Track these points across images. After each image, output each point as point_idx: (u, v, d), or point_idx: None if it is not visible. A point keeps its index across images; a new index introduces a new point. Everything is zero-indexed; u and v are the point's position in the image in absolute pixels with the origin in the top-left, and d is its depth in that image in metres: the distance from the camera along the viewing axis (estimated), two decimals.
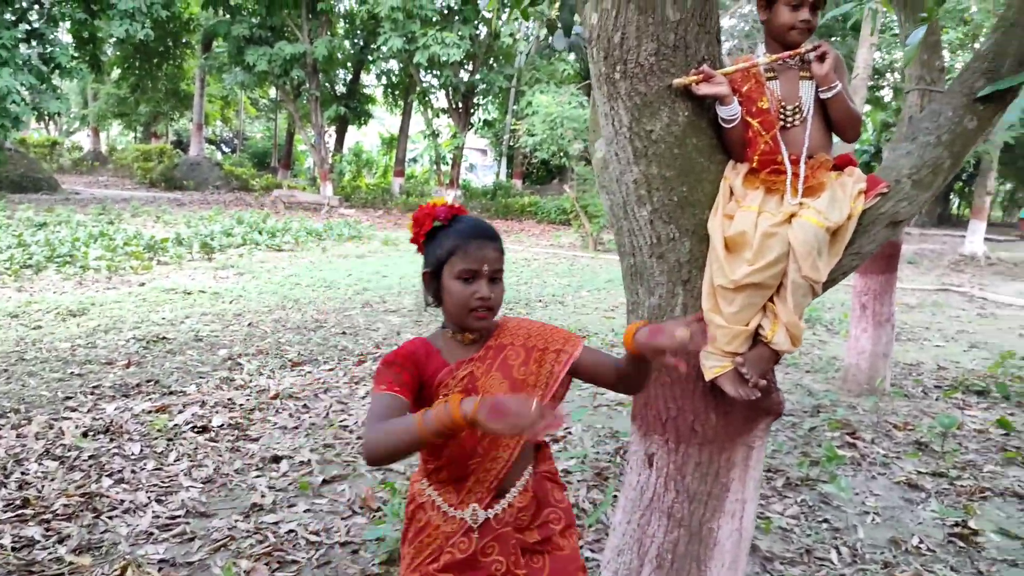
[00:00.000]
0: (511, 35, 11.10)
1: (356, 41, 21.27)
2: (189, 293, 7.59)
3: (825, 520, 3.40)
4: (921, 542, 3.23)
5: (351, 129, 26.67)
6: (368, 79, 25.19)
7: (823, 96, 1.94)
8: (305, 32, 17.84)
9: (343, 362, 5.50)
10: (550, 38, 3.85)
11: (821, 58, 1.91)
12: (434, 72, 16.73)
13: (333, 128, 24.66)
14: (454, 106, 18.02)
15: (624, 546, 2.16)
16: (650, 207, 1.94)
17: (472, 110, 18.88)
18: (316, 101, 18.89)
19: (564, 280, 10.18)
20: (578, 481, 3.62)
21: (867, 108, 18.92)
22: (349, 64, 22.10)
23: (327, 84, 21.87)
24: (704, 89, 1.86)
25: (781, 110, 1.95)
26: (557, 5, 3.02)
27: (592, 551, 2.94)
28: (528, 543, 1.68)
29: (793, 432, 4.50)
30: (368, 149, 31.97)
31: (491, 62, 17.51)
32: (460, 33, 14.45)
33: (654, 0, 1.82)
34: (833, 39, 17.96)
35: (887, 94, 25.58)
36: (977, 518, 3.46)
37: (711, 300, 1.90)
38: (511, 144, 22.72)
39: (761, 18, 2.01)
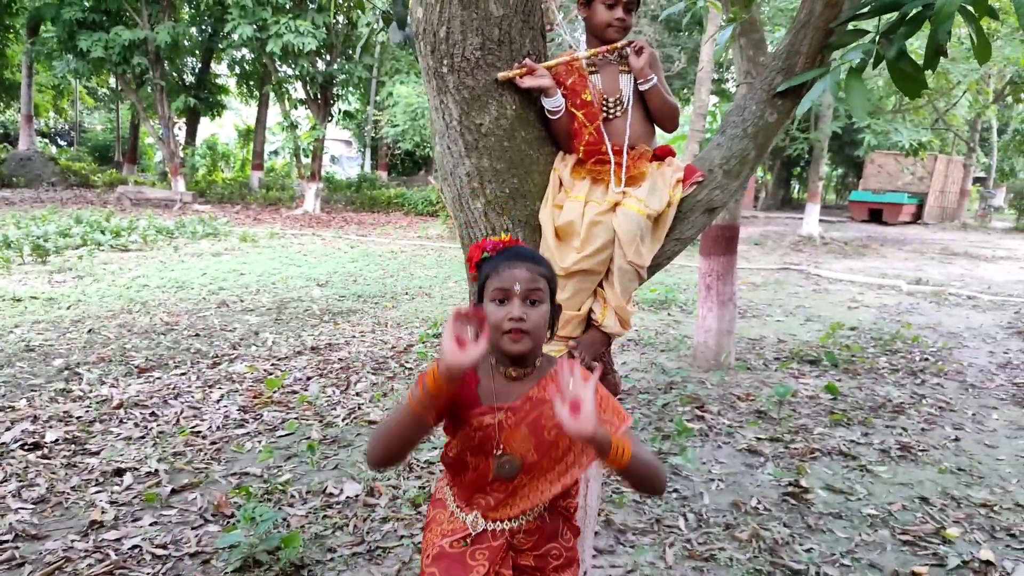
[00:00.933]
0: (368, 25, 10.90)
1: (204, 28, 20.16)
2: (19, 300, 6.97)
3: (675, 490, 3.61)
4: (759, 503, 3.49)
5: (204, 121, 25.33)
6: (220, 68, 23.99)
7: (641, 88, 2.05)
8: (144, 17, 16.69)
9: (196, 365, 5.25)
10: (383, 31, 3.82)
11: (638, 52, 2.02)
12: (289, 62, 16.13)
13: (183, 120, 23.30)
14: (313, 97, 17.47)
15: None
16: (483, 200, 1.98)
17: (332, 101, 18.37)
18: (162, 91, 17.74)
19: (431, 272, 10.17)
20: (440, 470, 3.64)
21: (714, 100, 20.04)
22: (197, 52, 20.92)
23: (173, 73, 20.62)
24: (528, 82, 1.92)
25: (604, 102, 2.04)
26: None
27: None
28: (520, 563, 1.66)
29: (648, 409, 4.73)
30: (224, 142, 30.47)
31: (350, 52, 17.11)
32: (315, 22, 14.01)
33: None
34: (681, 33, 18.86)
35: (733, 87, 27.15)
36: (807, 477, 3.78)
37: None
38: (374, 135, 22.34)
39: (581, 15, 2.10)
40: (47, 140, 34.02)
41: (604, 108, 2.04)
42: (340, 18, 16.68)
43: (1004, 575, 2.91)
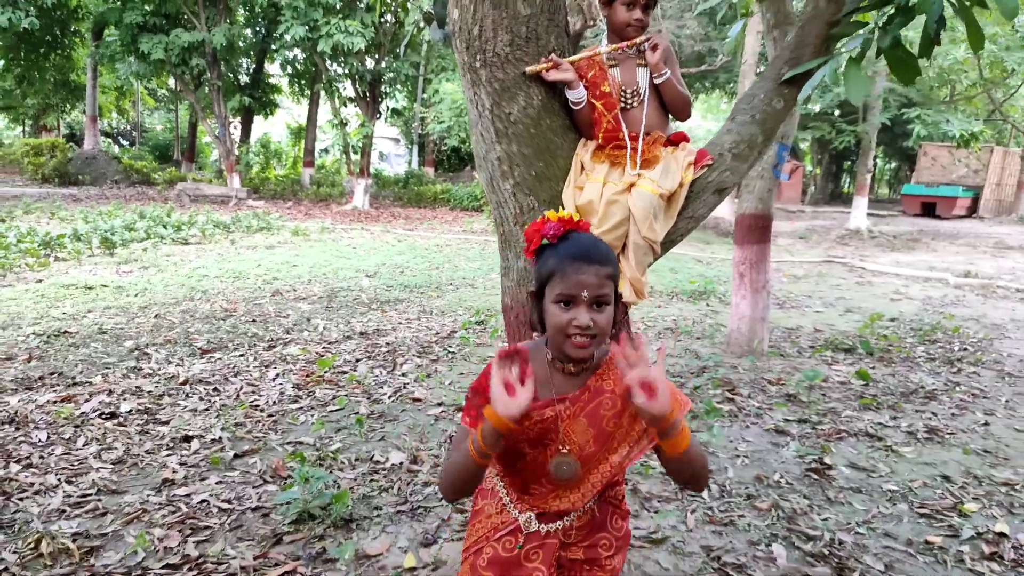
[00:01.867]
0: (415, 23, 11.23)
1: (258, 30, 20.84)
2: (91, 288, 7.45)
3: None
4: (781, 477, 3.64)
5: (257, 120, 26.11)
6: (273, 68, 24.71)
7: (656, 82, 2.24)
8: (202, 20, 17.36)
9: (253, 348, 5.59)
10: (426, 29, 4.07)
11: (653, 48, 2.22)
12: (339, 61, 16.59)
13: (238, 119, 24.08)
14: (361, 95, 17.93)
15: None
16: (512, 181, 2.20)
17: (380, 99, 18.81)
18: (218, 91, 18.43)
19: (475, 264, 10.43)
20: None
21: None
22: (252, 53, 21.61)
23: (229, 74, 21.34)
24: (553, 75, 2.14)
25: (622, 93, 2.24)
26: None
27: None
28: (567, 559, 1.65)
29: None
30: (276, 140, 31.34)
31: (397, 50, 17.51)
32: (364, 21, 14.43)
33: None
34: (725, 26, 18.76)
35: None
36: (831, 455, 3.91)
37: None
38: (421, 132, 22.76)
39: (603, 13, 2.30)
40: (110, 140, 35.44)
41: (622, 99, 2.24)
42: (388, 17, 17.08)
43: (1016, 545, 3.01)
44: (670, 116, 2.33)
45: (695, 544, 2.96)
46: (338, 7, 15.24)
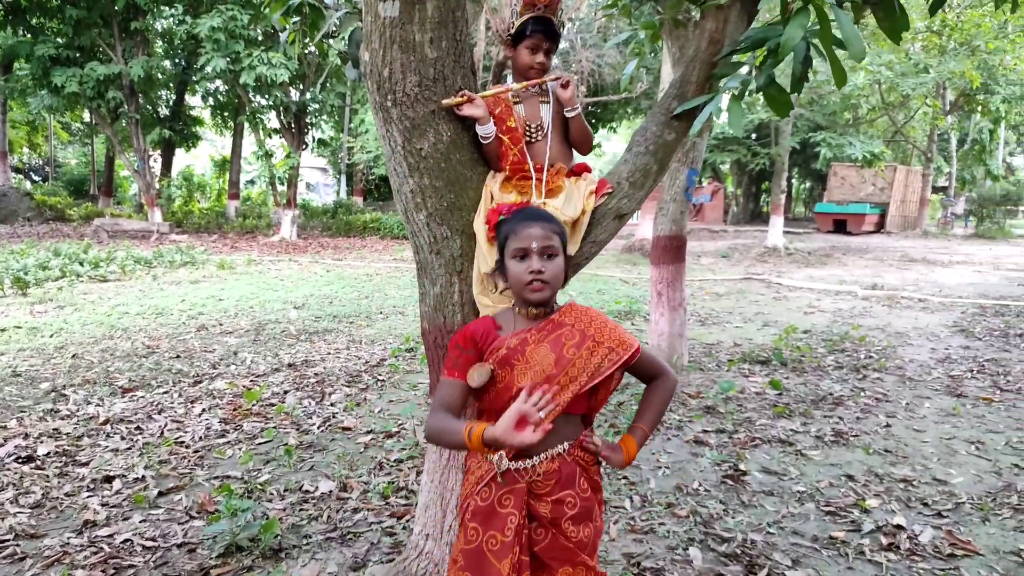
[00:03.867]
0: (339, 54, 11.30)
1: (178, 61, 20.50)
2: (3, 330, 7.19)
3: (624, 477, 3.93)
4: (700, 485, 3.83)
5: (179, 152, 25.56)
6: (195, 100, 24.27)
7: (568, 115, 2.41)
8: (119, 52, 16.99)
9: (178, 384, 5.51)
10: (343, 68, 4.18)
11: (565, 86, 2.38)
12: (263, 92, 16.48)
13: (158, 152, 23.52)
14: (286, 126, 17.82)
15: (429, 502, 2.53)
16: (426, 212, 2.32)
17: (306, 129, 18.73)
18: (136, 124, 18.01)
19: (405, 292, 10.48)
20: (408, 468, 3.95)
21: None
22: (171, 85, 21.22)
23: (148, 106, 20.89)
24: (467, 110, 2.27)
25: (526, 128, 2.40)
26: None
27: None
28: (537, 511, 1.80)
29: (604, 408, 5.06)
30: (200, 173, 30.70)
31: (322, 82, 17.50)
32: (287, 53, 14.45)
33: (414, 41, 2.21)
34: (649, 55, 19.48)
35: None
36: (746, 462, 4.13)
37: (480, 285, 2.31)
38: (348, 162, 22.68)
39: (507, 54, 2.46)
40: (22, 176, 34.01)
41: (527, 133, 2.40)
42: (312, 49, 17.07)
43: (912, 536, 3.26)
44: (573, 150, 2.50)
45: (617, 552, 3.09)
46: (260, 39, 15.18)
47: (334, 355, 6.55)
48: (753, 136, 23.78)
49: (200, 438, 4.41)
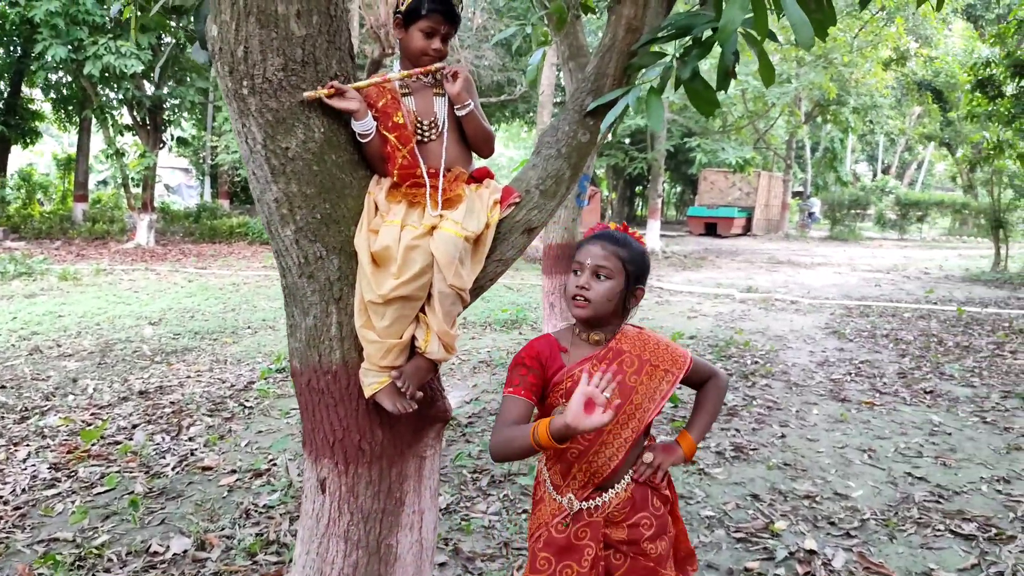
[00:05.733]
0: (184, 31, 10.27)
1: (13, 49, 18.42)
2: None
3: (524, 511, 3.60)
4: None
5: (16, 150, 23.04)
6: (36, 93, 21.95)
7: (458, 113, 2.03)
8: None
9: (0, 422, 4.69)
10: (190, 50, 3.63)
11: (454, 77, 2.00)
12: (111, 85, 15.02)
13: None
14: (140, 122, 16.36)
15: None
16: (294, 226, 1.88)
17: (163, 126, 17.29)
18: None
19: (276, 303, 9.74)
20: (281, 515, 3.44)
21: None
22: (6, 75, 19.05)
23: None
24: (336, 103, 1.85)
25: (418, 125, 2.00)
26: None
27: None
28: (613, 539, 1.83)
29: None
30: (44, 172, 27.90)
31: (181, 75, 16.18)
32: (139, 43, 13.17)
33: (276, 14, 1.77)
34: (523, 56, 19.40)
35: None
36: None
37: (363, 316, 1.89)
38: (212, 163, 21.26)
39: (397, 36, 2.06)
40: None
41: (419, 131, 2.00)
42: (167, 38, 15.76)
43: (825, 562, 3.11)
44: (472, 151, 2.12)
45: None
46: (108, 26, 13.78)
47: (194, 379, 5.85)
48: (627, 141, 24.30)
49: (23, 490, 3.70)
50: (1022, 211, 14.75)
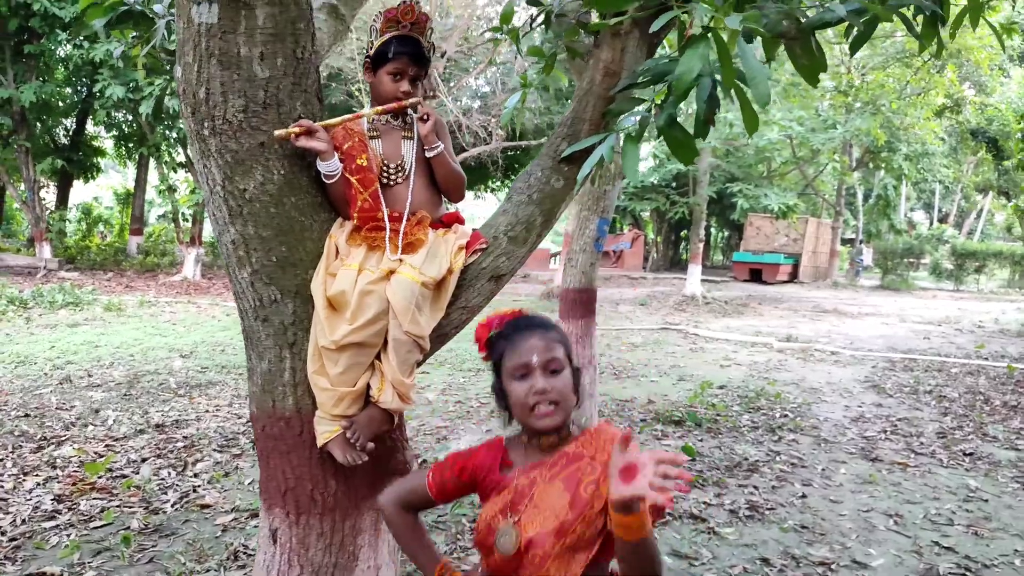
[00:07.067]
0: (170, 70, 10.59)
1: (80, 88, 19.36)
2: None
3: None
4: None
5: (79, 184, 24.09)
6: (100, 130, 22.98)
7: (428, 155, 1.99)
8: (9, 75, 15.87)
9: (17, 450, 4.76)
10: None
11: (424, 120, 1.97)
12: (167, 123, 15.63)
13: (53, 183, 22.09)
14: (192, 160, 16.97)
15: None
16: (250, 269, 1.85)
17: None
18: (27, 152, 16.78)
19: None
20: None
21: None
22: (72, 114, 20.00)
23: (45, 134, 19.59)
24: (303, 142, 1.83)
25: (384, 168, 1.97)
26: None
27: None
28: None
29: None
30: (108, 206, 29.06)
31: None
32: (127, 70, 13.63)
33: (238, 56, 1.76)
34: (567, 101, 19.55)
35: None
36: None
37: (316, 362, 1.84)
38: None
39: (367, 79, 2.04)
40: None
41: (384, 174, 1.97)
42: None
43: None
44: (443, 197, 2.08)
45: None
46: (167, 67, 14.36)
47: (212, 413, 5.88)
48: (672, 185, 24.19)
49: (23, 521, 3.72)
50: None
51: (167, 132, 16.51)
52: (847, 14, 1.81)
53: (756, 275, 25.17)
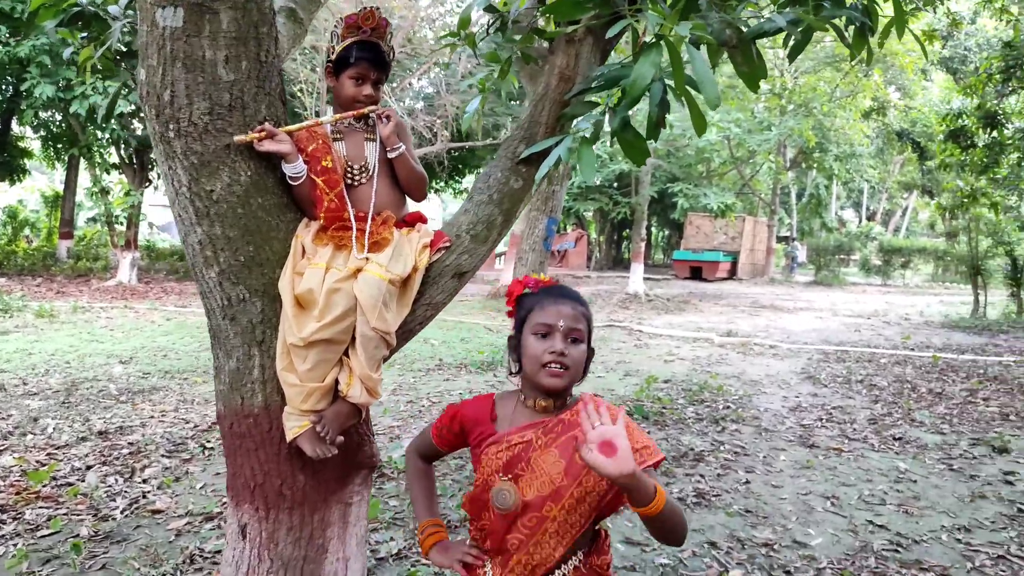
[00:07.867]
0: (128, 72, 10.41)
1: (4, 88, 18.56)
2: None
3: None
4: None
5: (3, 187, 23.11)
6: (26, 130, 22.06)
7: (390, 156, 2.05)
8: None
9: None
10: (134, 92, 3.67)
11: (385, 121, 2.03)
12: (99, 124, 15.13)
13: None
14: (127, 161, 16.45)
15: None
16: (217, 269, 1.88)
17: (151, 165, 17.37)
18: None
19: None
20: None
21: None
22: None
23: None
24: (267, 146, 1.87)
25: (348, 169, 2.02)
26: None
27: None
28: None
29: (458, 475, 4.67)
30: (34, 209, 27.91)
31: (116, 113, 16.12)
32: (128, 83, 13.23)
33: (203, 59, 1.79)
34: (513, 102, 19.68)
35: None
36: (609, 531, 3.84)
37: (285, 359, 1.88)
38: None
39: (329, 83, 2.09)
40: None
41: (348, 175, 2.02)
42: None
43: None
44: (406, 196, 2.14)
45: None
46: (99, 67, 13.89)
47: (158, 419, 5.77)
48: (614, 185, 24.56)
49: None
50: (1000, 259, 14.88)
51: (99, 133, 15.99)
52: (786, 24, 1.94)
53: (696, 273, 25.78)
